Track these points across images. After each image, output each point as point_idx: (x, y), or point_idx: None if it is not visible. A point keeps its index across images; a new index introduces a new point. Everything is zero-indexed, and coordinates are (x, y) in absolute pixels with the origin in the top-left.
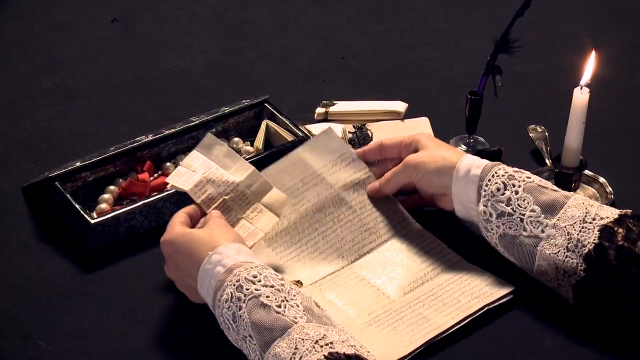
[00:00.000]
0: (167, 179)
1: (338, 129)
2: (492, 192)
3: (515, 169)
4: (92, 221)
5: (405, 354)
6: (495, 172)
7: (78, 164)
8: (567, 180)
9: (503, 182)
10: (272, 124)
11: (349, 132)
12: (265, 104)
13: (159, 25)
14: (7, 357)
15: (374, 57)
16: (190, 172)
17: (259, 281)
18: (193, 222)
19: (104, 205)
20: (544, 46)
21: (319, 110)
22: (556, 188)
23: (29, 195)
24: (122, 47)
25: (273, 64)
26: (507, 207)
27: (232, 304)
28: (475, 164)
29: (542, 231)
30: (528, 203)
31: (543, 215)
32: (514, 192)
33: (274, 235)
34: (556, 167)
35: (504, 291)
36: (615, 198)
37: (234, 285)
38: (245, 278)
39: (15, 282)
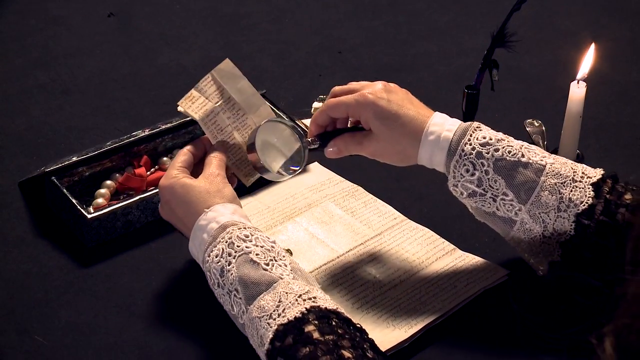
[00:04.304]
0: (179, 102)
1: None
2: (461, 174)
3: (484, 134)
4: (89, 216)
5: (404, 338)
6: (462, 150)
7: (75, 158)
8: None
9: (472, 162)
10: None
11: None
12: None
13: (156, 20)
14: (3, 352)
15: (371, 51)
16: (203, 98)
17: (250, 241)
18: (197, 159)
19: (100, 200)
20: (541, 40)
21: (316, 104)
22: (527, 159)
23: (25, 190)
24: (118, 42)
25: (270, 59)
26: (478, 188)
27: (222, 259)
28: (436, 150)
29: (516, 214)
30: (500, 185)
31: (516, 200)
32: (483, 172)
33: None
34: None
35: (498, 275)
36: None
37: (226, 242)
38: (237, 236)
39: (11, 277)
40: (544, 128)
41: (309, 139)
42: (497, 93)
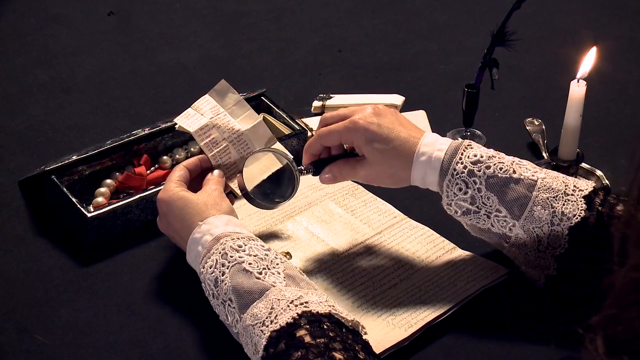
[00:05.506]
0: (175, 119)
1: None
2: (454, 193)
3: (475, 152)
4: (89, 214)
5: (404, 337)
6: (454, 170)
7: (74, 157)
8: (564, 173)
9: (464, 181)
10: (268, 118)
11: None
12: (262, 97)
13: (155, 18)
14: (3, 351)
15: (371, 50)
16: (199, 115)
17: (244, 250)
18: (192, 175)
19: (100, 199)
20: (541, 39)
21: (316, 103)
22: (518, 174)
23: (25, 189)
24: (118, 41)
25: (270, 58)
26: (471, 206)
27: (215, 269)
28: (428, 170)
29: (510, 230)
30: (493, 202)
31: (509, 216)
32: (476, 190)
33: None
34: (553, 160)
35: (498, 274)
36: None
37: (220, 253)
38: (230, 247)
39: (11, 276)
40: (544, 127)
41: (302, 167)
42: (497, 92)
